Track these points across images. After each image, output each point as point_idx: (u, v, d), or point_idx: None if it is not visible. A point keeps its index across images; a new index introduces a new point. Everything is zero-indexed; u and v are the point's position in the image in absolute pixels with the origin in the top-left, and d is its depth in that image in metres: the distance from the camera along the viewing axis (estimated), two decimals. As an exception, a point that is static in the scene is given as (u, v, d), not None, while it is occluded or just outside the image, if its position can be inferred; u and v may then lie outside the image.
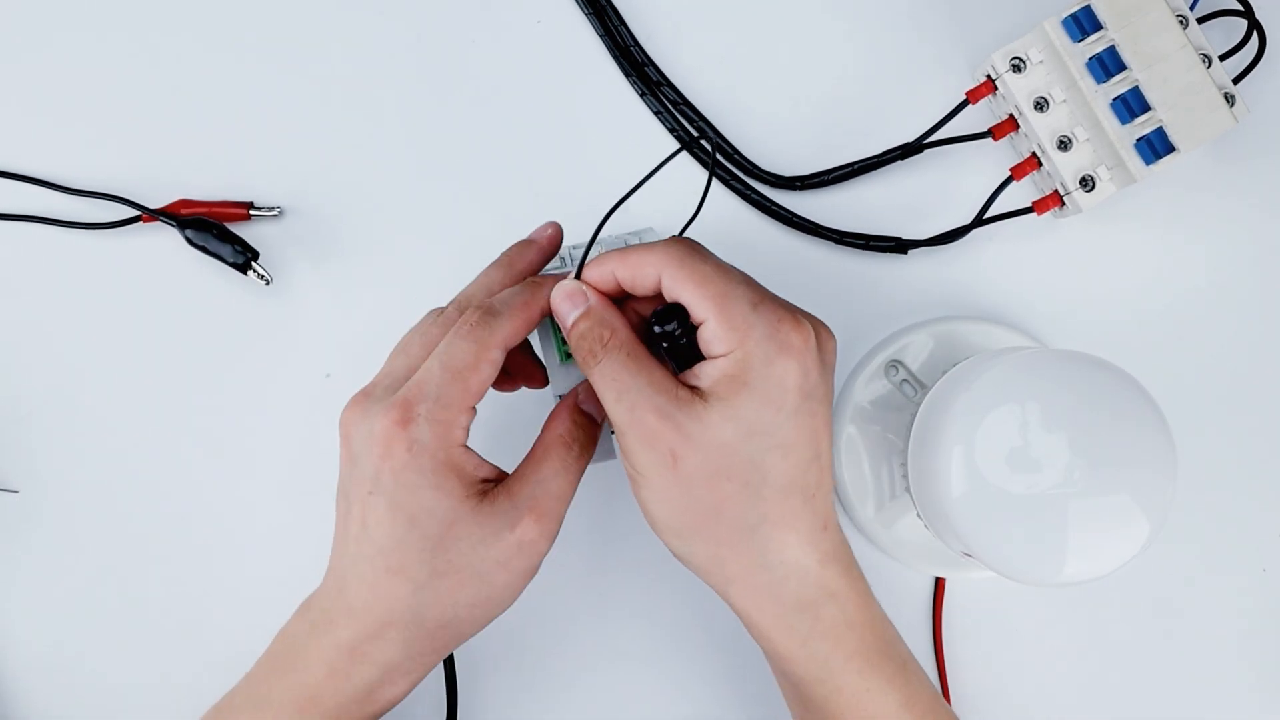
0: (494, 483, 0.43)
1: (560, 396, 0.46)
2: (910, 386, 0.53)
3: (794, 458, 0.42)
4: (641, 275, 0.43)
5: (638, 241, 0.52)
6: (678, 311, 0.42)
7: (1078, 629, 0.55)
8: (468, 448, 0.43)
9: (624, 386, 0.42)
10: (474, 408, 0.43)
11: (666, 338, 0.42)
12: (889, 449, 0.54)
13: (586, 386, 0.45)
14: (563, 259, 0.49)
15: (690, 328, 0.42)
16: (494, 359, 0.42)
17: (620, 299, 0.44)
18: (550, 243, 0.47)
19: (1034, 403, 0.43)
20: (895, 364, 0.53)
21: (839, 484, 0.54)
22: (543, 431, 0.45)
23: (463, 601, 0.43)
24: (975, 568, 0.53)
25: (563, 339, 0.46)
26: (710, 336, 0.41)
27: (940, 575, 0.54)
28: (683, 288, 0.42)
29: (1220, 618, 0.55)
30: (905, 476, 0.49)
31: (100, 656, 0.55)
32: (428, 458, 0.42)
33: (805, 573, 0.43)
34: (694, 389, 0.42)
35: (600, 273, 0.43)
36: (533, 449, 0.45)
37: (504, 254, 0.47)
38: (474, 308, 0.43)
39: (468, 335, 0.42)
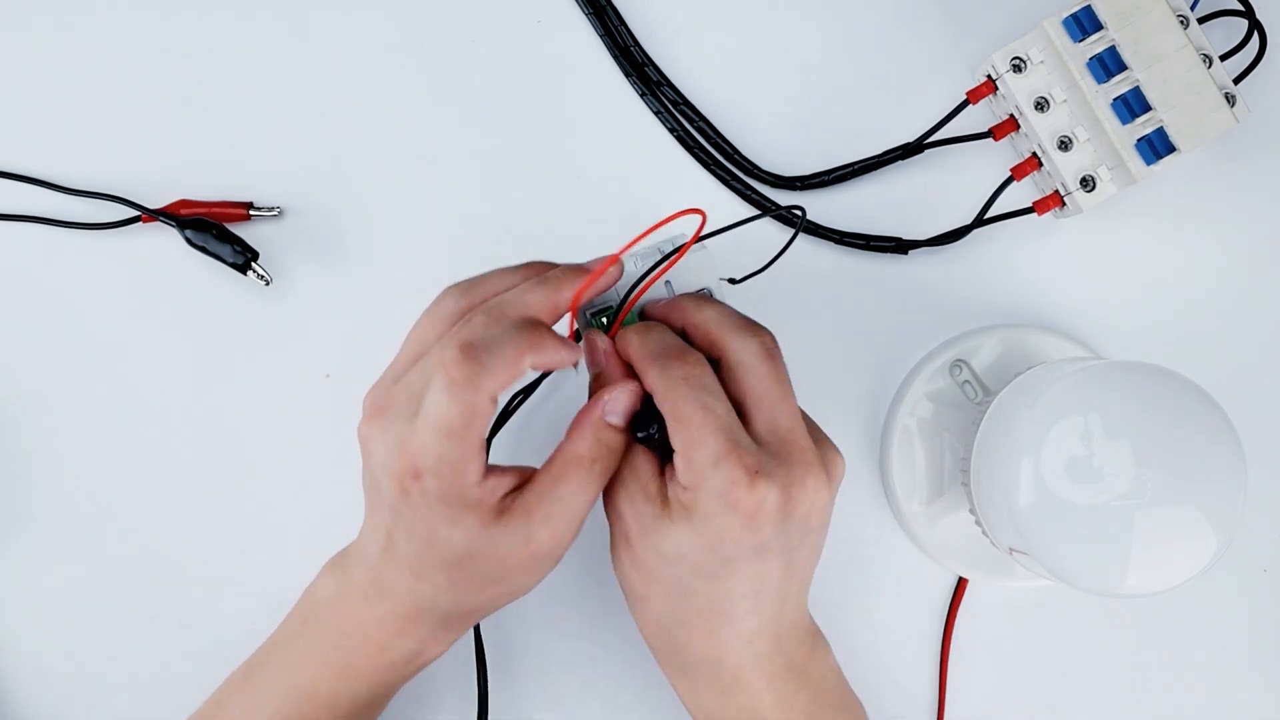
0: (515, 491, 0.43)
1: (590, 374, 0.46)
2: (972, 387, 0.53)
3: (696, 573, 0.42)
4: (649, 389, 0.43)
5: (670, 249, 0.51)
6: (659, 417, 0.43)
7: (1078, 628, 0.55)
8: (484, 474, 0.42)
9: (620, 499, 0.44)
10: (483, 448, 0.42)
11: (648, 440, 0.44)
12: (943, 445, 0.54)
13: (613, 397, 0.44)
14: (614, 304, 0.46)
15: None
16: (485, 413, 0.41)
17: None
18: (606, 281, 0.45)
19: (1102, 413, 0.43)
20: (960, 363, 0.53)
21: (888, 476, 0.55)
22: (565, 443, 0.44)
23: (485, 597, 0.45)
24: (1002, 574, 0.54)
25: (592, 315, 0.46)
26: (677, 466, 0.42)
27: (966, 576, 0.54)
28: (665, 414, 0.42)
29: (1220, 618, 0.55)
30: (964, 472, 0.49)
31: (100, 655, 0.55)
32: (440, 503, 0.41)
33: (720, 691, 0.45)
34: (669, 499, 0.43)
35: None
36: (553, 461, 0.43)
37: (555, 273, 0.44)
38: (459, 350, 0.40)
39: (451, 390, 0.40)
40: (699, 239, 0.45)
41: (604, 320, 0.46)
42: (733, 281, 0.51)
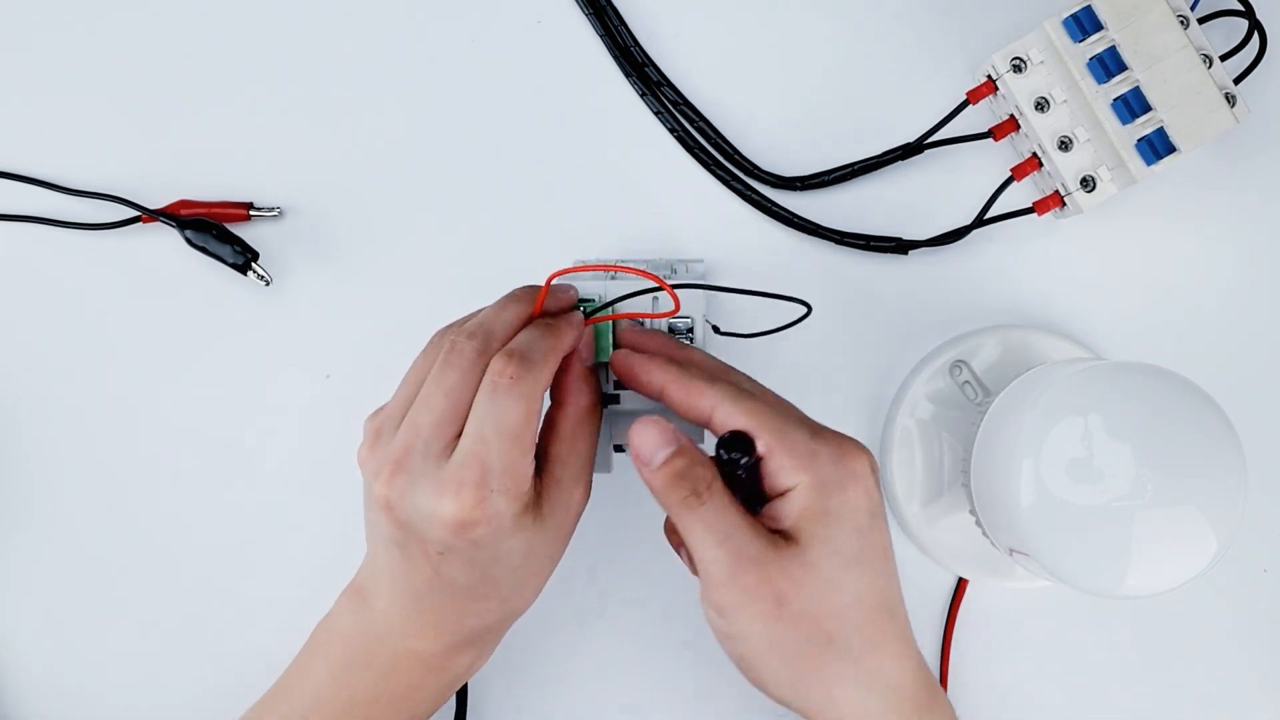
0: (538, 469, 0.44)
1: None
2: (972, 388, 0.53)
3: (875, 576, 0.42)
4: (693, 405, 0.42)
5: (684, 269, 0.52)
6: (744, 440, 0.41)
7: (1078, 629, 0.55)
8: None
9: (726, 532, 0.40)
10: (533, 454, 0.42)
11: (734, 465, 0.41)
12: (943, 446, 0.54)
13: (586, 339, 0.45)
14: (599, 298, 0.47)
15: (756, 459, 0.41)
16: (540, 410, 0.42)
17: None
18: (569, 303, 0.46)
19: (1103, 414, 0.43)
20: (960, 364, 0.53)
21: (887, 475, 0.55)
22: (567, 402, 0.44)
23: (537, 585, 0.45)
24: (1003, 575, 0.54)
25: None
26: (775, 468, 0.41)
27: (966, 576, 0.54)
28: (739, 422, 0.41)
29: (1220, 618, 0.55)
30: (964, 473, 0.49)
31: (100, 655, 0.55)
32: (507, 520, 0.41)
33: (903, 690, 0.43)
34: (777, 531, 0.41)
35: (649, 379, 0.43)
36: (559, 424, 0.44)
37: (523, 290, 0.45)
38: (507, 356, 0.41)
39: (511, 392, 0.40)
40: (671, 288, 0.45)
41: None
42: (716, 330, 0.51)
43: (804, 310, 0.47)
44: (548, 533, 0.43)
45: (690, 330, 0.48)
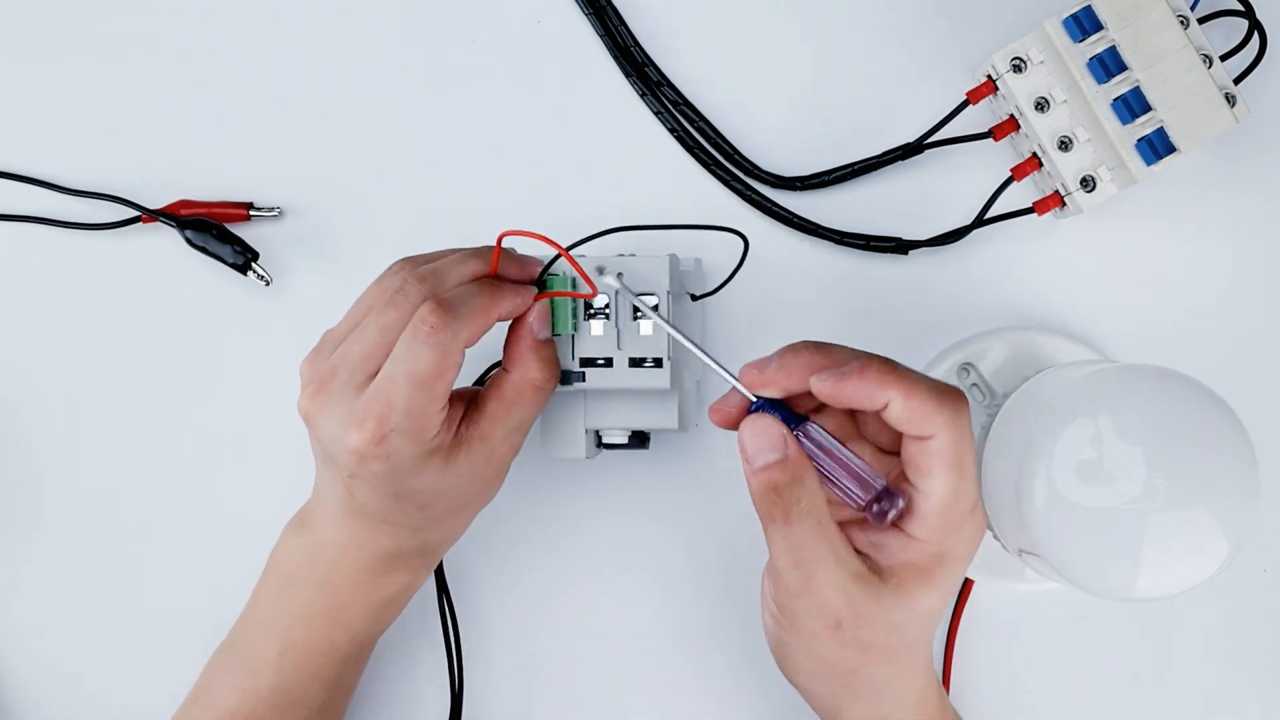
0: (466, 418, 0.45)
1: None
2: (980, 390, 0.53)
3: (933, 625, 0.43)
4: (862, 395, 0.40)
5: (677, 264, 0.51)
6: (896, 496, 0.40)
7: (1079, 629, 0.55)
8: (443, 420, 0.43)
9: (808, 555, 0.40)
10: (447, 399, 0.43)
11: (880, 517, 0.40)
12: None
13: (540, 310, 0.46)
14: (563, 274, 0.47)
15: (900, 510, 0.41)
16: (456, 362, 0.42)
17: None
18: (528, 275, 0.46)
19: (1113, 416, 0.43)
20: (968, 366, 0.53)
21: None
22: (515, 369, 0.45)
23: (457, 524, 0.48)
24: (1010, 577, 0.54)
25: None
26: (921, 514, 0.41)
27: (971, 578, 0.54)
28: (920, 424, 0.40)
29: (1221, 619, 0.55)
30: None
31: (100, 656, 0.55)
32: (407, 459, 0.43)
33: (913, 707, 0.44)
34: (871, 561, 0.41)
35: (791, 378, 0.41)
36: (502, 386, 0.45)
37: (488, 249, 0.46)
38: (434, 304, 0.42)
39: (428, 340, 0.41)
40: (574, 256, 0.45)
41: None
42: (694, 298, 0.51)
43: (742, 244, 0.48)
44: (460, 479, 0.44)
45: (656, 307, 0.47)
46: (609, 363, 0.47)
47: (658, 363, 0.47)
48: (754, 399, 0.41)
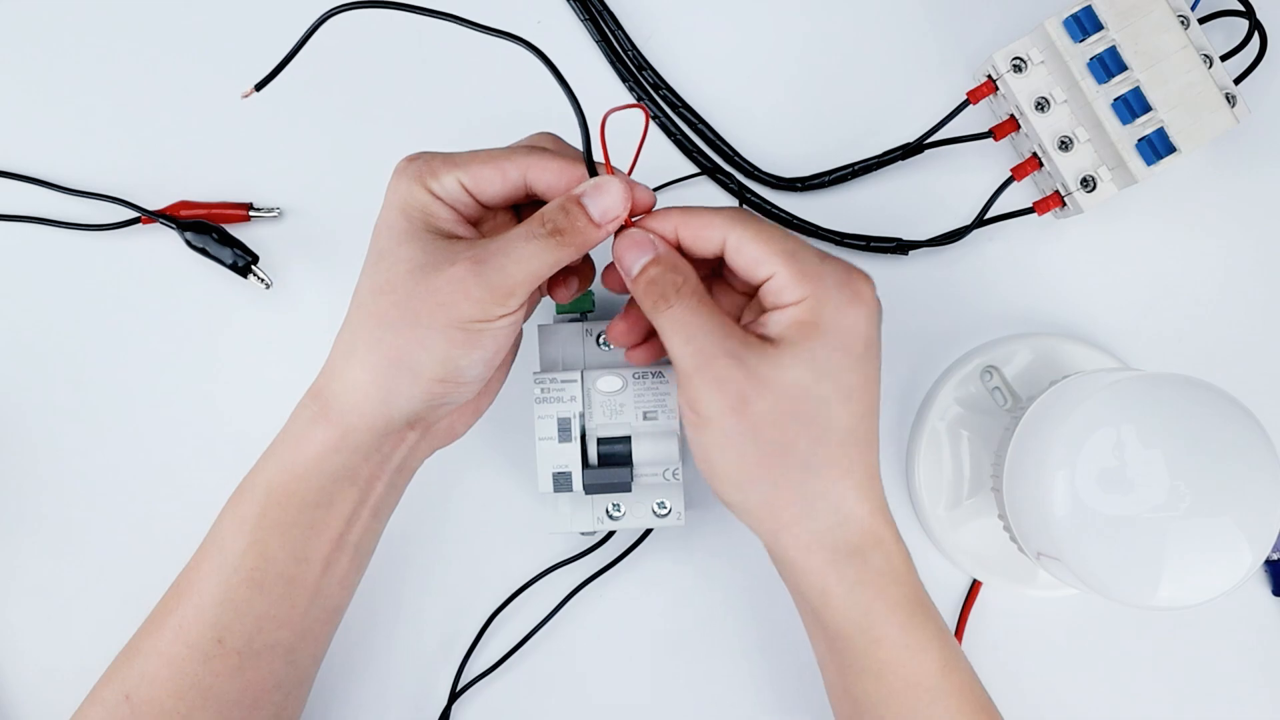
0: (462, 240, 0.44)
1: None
2: (1002, 394, 0.53)
3: (856, 405, 0.42)
4: (704, 237, 0.43)
5: None
6: None
7: (1080, 629, 0.55)
8: (443, 204, 0.44)
9: (694, 331, 0.42)
10: (459, 178, 0.44)
11: None
12: (971, 450, 0.54)
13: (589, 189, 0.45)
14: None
15: None
16: (480, 172, 0.44)
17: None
18: (644, 206, 0.45)
19: (1137, 424, 0.43)
20: (991, 369, 0.53)
21: (913, 478, 0.54)
22: (541, 210, 0.44)
23: (440, 373, 0.44)
24: (1022, 581, 0.54)
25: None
26: (780, 287, 0.42)
27: (985, 581, 0.54)
28: (751, 245, 0.42)
29: (1221, 618, 0.55)
30: (994, 477, 0.49)
31: (101, 656, 0.55)
32: (395, 211, 0.44)
33: (857, 520, 0.43)
34: (762, 336, 0.42)
35: (662, 226, 0.43)
36: (523, 224, 0.44)
37: (634, 196, 0.44)
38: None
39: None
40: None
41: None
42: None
43: (571, 100, 0.46)
44: (445, 271, 0.43)
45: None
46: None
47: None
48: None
